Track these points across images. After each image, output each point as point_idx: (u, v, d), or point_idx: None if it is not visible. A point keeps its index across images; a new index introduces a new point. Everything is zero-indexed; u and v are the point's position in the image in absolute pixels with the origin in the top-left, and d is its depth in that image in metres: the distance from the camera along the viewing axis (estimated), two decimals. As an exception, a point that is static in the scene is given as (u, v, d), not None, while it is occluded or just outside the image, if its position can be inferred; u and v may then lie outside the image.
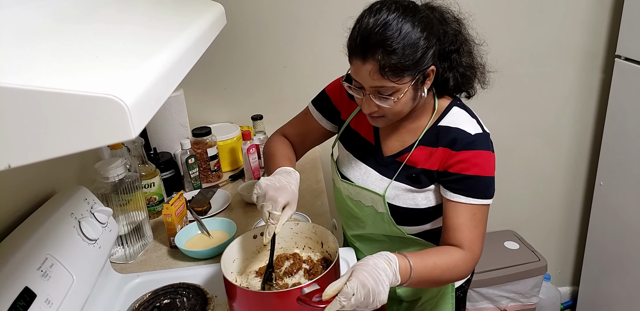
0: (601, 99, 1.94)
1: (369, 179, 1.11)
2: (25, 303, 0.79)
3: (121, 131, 0.43)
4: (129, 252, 1.26)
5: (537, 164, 2.06)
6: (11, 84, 0.40)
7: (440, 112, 1.06)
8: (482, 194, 1.01)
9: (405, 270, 0.89)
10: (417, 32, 0.91)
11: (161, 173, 1.49)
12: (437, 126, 1.05)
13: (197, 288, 1.10)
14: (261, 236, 1.06)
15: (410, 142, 1.08)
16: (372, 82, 0.93)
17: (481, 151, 1.00)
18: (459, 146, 1.00)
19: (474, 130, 1.02)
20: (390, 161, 1.09)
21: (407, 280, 0.89)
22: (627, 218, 1.80)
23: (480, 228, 1.01)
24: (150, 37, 0.67)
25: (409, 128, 1.08)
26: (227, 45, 1.72)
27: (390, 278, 0.85)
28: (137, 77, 0.48)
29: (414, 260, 0.90)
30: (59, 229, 0.95)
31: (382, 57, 0.90)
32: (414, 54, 0.91)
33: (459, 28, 1.03)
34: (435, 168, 1.03)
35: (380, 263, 0.86)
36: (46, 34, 0.58)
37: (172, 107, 1.61)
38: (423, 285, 0.98)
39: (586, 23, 1.81)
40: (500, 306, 1.97)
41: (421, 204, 1.07)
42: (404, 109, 0.99)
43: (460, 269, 0.97)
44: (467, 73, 1.04)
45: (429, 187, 1.05)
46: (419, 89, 0.97)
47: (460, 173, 1.00)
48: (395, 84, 0.92)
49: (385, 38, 0.89)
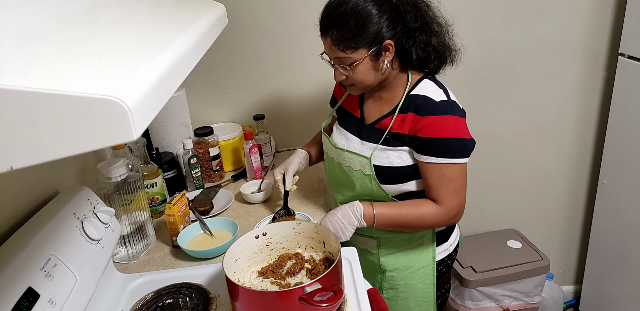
0: (604, 97, 1.93)
1: (352, 145, 1.26)
2: (28, 303, 0.79)
3: (123, 132, 0.43)
4: (132, 252, 1.26)
5: (539, 163, 2.06)
6: (13, 86, 0.40)
7: (413, 83, 1.18)
8: (448, 154, 1.11)
9: (369, 216, 1.16)
10: (367, 10, 1.05)
11: (163, 172, 1.49)
12: (410, 95, 1.17)
13: (200, 288, 1.10)
14: (263, 236, 1.09)
15: (386, 111, 1.21)
16: (332, 54, 1.12)
17: (445, 116, 1.11)
18: (424, 112, 1.12)
19: (439, 97, 1.14)
20: (370, 127, 1.24)
21: (373, 224, 1.17)
22: (630, 216, 1.80)
23: (451, 185, 1.14)
24: (152, 37, 0.67)
25: (386, 98, 1.22)
26: (229, 45, 1.72)
27: (355, 222, 1.16)
28: (138, 79, 0.48)
29: (380, 208, 1.17)
30: (61, 230, 0.95)
31: (334, 32, 1.08)
32: (361, 29, 1.06)
33: (426, 8, 1.14)
34: (406, 132, 1.15)
35: (346, 211, 1.17)
36: (48, 36, 0.58)
37: (174, 107, 1.61)
38: (392, 228, 1.24)
39: (589, 21, 1.80)
40: (503, 306, 1.97)
41: (395, 163, 1.18)
42: (367, 78, 1.13)
43: (428, 219, 1.17)
44: (429, 50, 1.15)
45: (401, 147, 1.17)
46: (379, 61, 1.11)
47: (426, 137, 1.12)
48: (350, 55, 1.09)
49: (337, 17, 1.07)
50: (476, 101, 1.87)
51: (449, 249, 1.34)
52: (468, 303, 1.96)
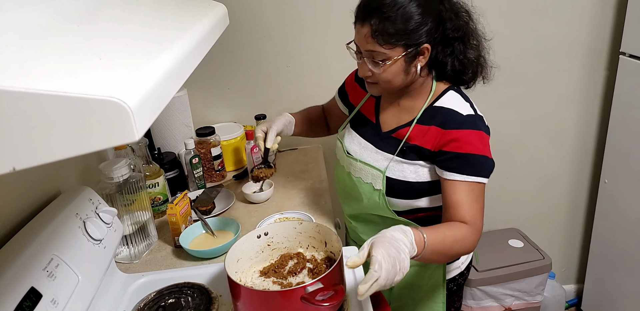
0: (606, 96, 1.93)
1: (365, 152, 1.19)
2: (31, 303, 0.79)
3: (124, 133, 0.43)
4: (134, 252, 1.26)
5: (541, 162, 2.06)
6: (15, 88, 0.40)
7: (437, 94, 1.12)
8: (476, 171, 1.04)
9: (420, 241, 0.92)
10: (413, 7, 0.98)
11: (165, 172, 1.49)
12: (432, 107, 1.10)
13: (202, 288, 1.10)
14: (265, 235, 1.09)
15: (406, 120, 1.14)
16: (366, 46, 1.03)
17: (473, 131, 1.05)
18: (450, 125, 1.06)
19: (466, 111, 1.07)
20: (386, 136, 1.17)
21: (422, 250, 0.92)
22: (632, 215, 1.80)
23: (479, 203, 1.05)
24: (154, 38, 0.67)
25: (406, 107, 1.15)
26: (230, 45, 1.72)
27: (408, 248, 0.89)
28: (140, 79, 0.48)
29: (426, 231, 0.94)
30: (64, 230, 0.95)
31: (375, 21, 0.99)
32: (406, 25, 0.98)
33: (467, 20, 1.08)
34: (427, 146, 1.08)
35: (397, 234, 0.90)
36: (49, 36, 0.58)
37: (175, 107, 1.61)
38: (435, 255, 0.99)
39: (590, 20, 1.80)
40: (505, 305, 1.97)
41: (409, 177, 1.11)
42: (395, 80, 1.06)
43: (467, 241, 1.01)
44: (466, 63, 1.09)
45: (417, 162, 1.10)
46: (412, 64, 1.04)
47: (453, 151, 1.04)
48: (386, 50, 1.01)
49: (382, 5, 0.99)
50: (477, 99, 1.86)
51: (460, 267, 1.28)
52: (470, 302, 1.96)
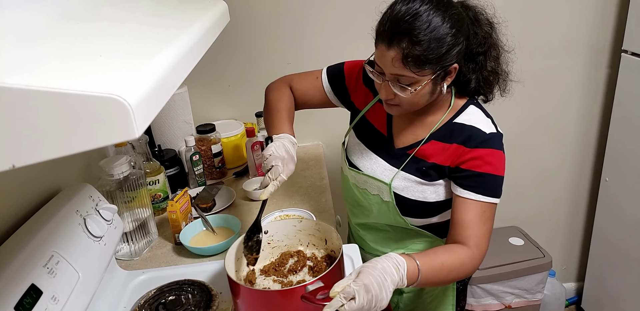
0: (607, 94, 1.92)
1: (378, 169, 1.13)
2: (31, 300, 0.79)
3: (124, 130, 0.43)
4: (134, 249, 1.26)
5: (542, 160, 2.05)
6: (15, 85, 0.40)
7: (457, 109, 1.07)
8: (492, 192, 1.01)
9: (413, 273, 0.87)
10: (446, 28, 0.90)
11: (166, 170, 1.49)
12: (452, 123, 1.06)
13: (202, 285, 1.10)
14: (265, 233, 1.07)
15: (422, 136, 1.08)
16: (393, 70, 0.94)
17: (495, 150, 1.01)
18: (473, 144, 1.01)
19: (489, 129, 1.03)
20: (401, 153, 1.10)
21: (415, 283, 0.88)
22: (633, 213, 1.79)
23: (488, 225, 1.01)
24: (154, 35, 0.66)
25: (423, 122, 1.09)
26: (231, 42, 1.72)
27: (395, 283, 0.83)
28: (140, 77, 0.48)
29: (422, 262, 0.88)
30: (64, 227, 0.95)
31: (407, 46, 0.90)
32: (439, 48, 0.90)
33: (490, 31, 1.03)
34: (447, 164, 1.04)
35: (388, 267, 0.84)
36: (49, 34, 0.58)
37: (176, 104, 1.61)
38: (429, 285, 0.97)
39: (592, 18, 1.80)
40: (505, 303, 1.97)
41: (430, 198, 1.08)
42: (420, 101, 0.99)
43: (466, 267, 0.96)
44: (489, 77, 1.05)
45: (438, 181, 1.06)
46: (439, 85, 0.98)
47: (472, 170, 1.01)
48: (415, 75, 0.93)
49: (413, 28, 0.89)
50: (479, 98, 1.87)
51: None
52: (470, 300, 1.96)
